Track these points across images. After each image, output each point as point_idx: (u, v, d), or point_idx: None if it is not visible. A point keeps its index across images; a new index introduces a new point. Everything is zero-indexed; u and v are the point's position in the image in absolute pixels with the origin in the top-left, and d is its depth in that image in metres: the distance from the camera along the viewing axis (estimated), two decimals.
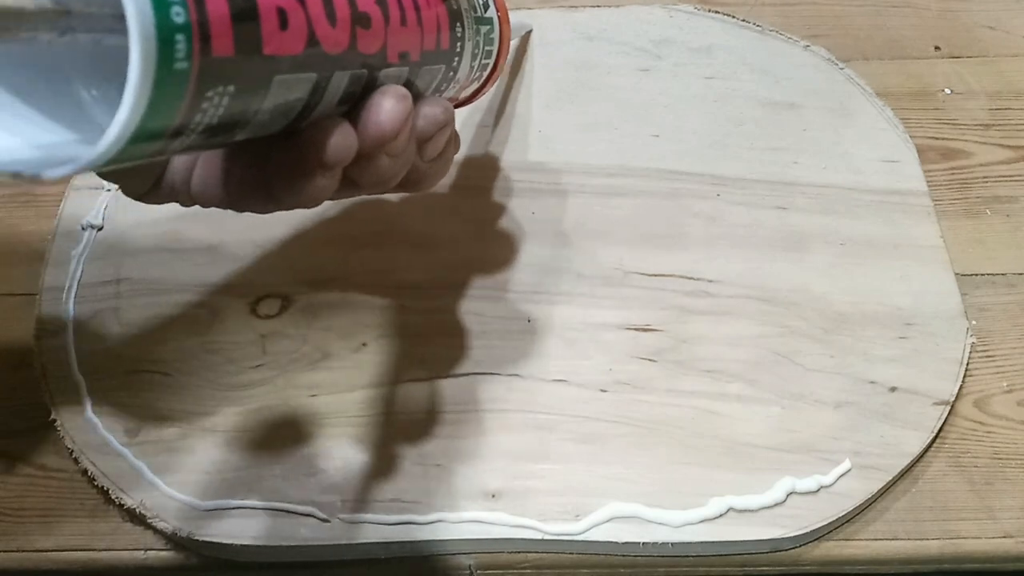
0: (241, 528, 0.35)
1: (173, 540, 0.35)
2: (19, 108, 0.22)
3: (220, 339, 0.39)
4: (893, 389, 0.38)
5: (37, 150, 0.21)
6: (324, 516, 0.35)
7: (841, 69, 0.48)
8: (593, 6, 0.51)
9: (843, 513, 0.35)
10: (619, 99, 0.47)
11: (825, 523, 0.35)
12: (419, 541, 0.35)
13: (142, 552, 0.35)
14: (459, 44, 0.30)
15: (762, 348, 0.39)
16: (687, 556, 0.35)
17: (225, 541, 0.34)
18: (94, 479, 0.36)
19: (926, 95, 0.48)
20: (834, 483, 0.36)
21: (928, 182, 0.44)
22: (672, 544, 0.35)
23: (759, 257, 0.42)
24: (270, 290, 0.41)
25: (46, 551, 0.35)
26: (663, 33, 0.49)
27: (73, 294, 0.41)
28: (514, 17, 0.36)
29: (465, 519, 0.35)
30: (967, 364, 0.39)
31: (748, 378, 0.38)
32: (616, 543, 0.35)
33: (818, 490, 0.35)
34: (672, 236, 0.42)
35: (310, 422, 0.37)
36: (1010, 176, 0.45)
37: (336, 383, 0.38)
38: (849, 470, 0.36)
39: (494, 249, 0.42)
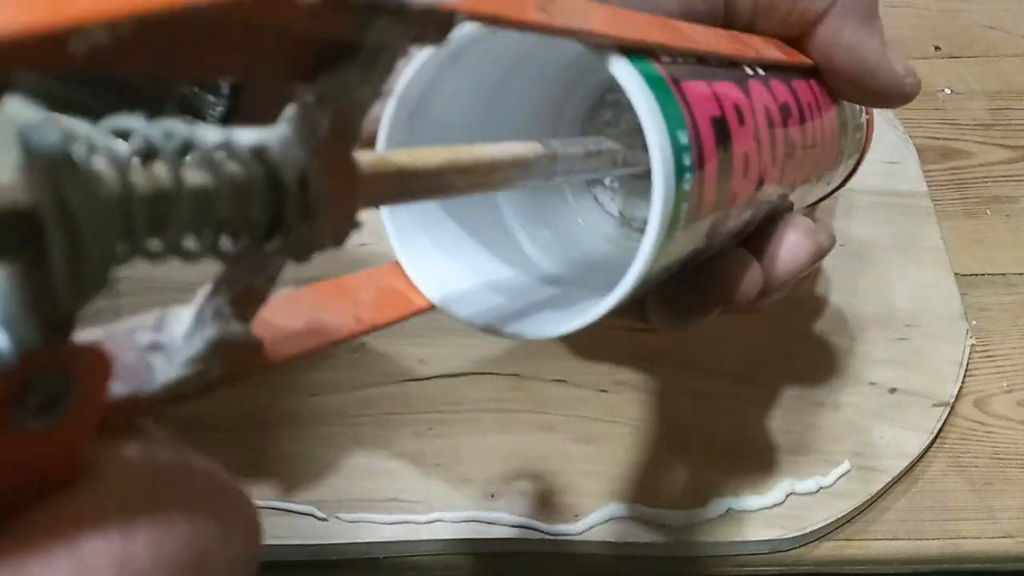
0: None
1: None
2: (451, 226, 0.23)
3: None
4: (893, 390, 0.38)
5: (475, 276, 0.22)
6: (323, 516, 0.35)
7: None
8: None
9: (842, 514, 0.35)
10: None
11: (825, 524, 0.35)
12: (418, 541, 0.35)
13: None
14: (840, 156, 0.29)
15: (762, 349, 0.39)
16: (687, 556, 0.35)
17: None
18: None
19: (926, 95, 0.48)
20: (833, 484, 0.36)
21: (928, 182, 0.44)
22: (672, 544, 0.35)
23: None
24: None
25: None
26: None
27: None
28: None
29: (464, 519, 0.35)
30: (967, 365, 0.39)
31: (748, 378, 0.38)
32: (616, 543, 0.35)
33: (817, 491, 0.35)
34: None
35: (310, 422, 0.37)
36: (1010, 176, 0.45)
37: (336, 383, 0.38)
38: (848, 471, 0.36)
39: None
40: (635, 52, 0.18)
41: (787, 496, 0.35)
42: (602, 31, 0.18)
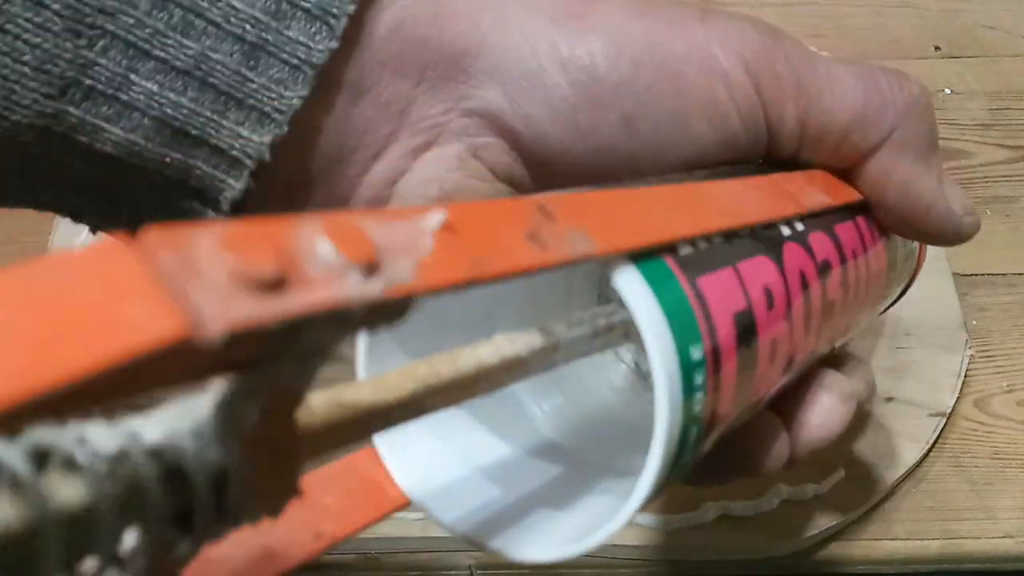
0: None
1: None
2: None
3: None
4: (890, 399, 0.37)
5: (465, 458, 0.20)
6: None
7: None
8: None
9: (835, 522, 0.35)
10: None
11: (817, 531, 0.34)
12: (412, 538, 0.35)
13: None
14: (888, 289, 0.28)
15: None
16: (679, 560, 0.35)
17: None
18: None
19: None
20: (827, 492, 0.35)
21: None
22: (664, 548, 0.34)
23: None
24: None
25: None
26: None
27: None
28: None
29: None
30: (965, 375, 0.38)
31: None
32: (609, 546, 0.34)
33: (811, 498, 0.35)
34: None
35: None
36: (1010, 176, 0.45)
37: (331, 375, 0.38)
38: (842, 479, 0.35)
39: None
40: (646, 253, 0.16)
41: (780, 502, 0.35)
42: (605, 249, 0.15)
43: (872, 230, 0.25)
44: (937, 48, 0.50)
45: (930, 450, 0.37)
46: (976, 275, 0.42)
